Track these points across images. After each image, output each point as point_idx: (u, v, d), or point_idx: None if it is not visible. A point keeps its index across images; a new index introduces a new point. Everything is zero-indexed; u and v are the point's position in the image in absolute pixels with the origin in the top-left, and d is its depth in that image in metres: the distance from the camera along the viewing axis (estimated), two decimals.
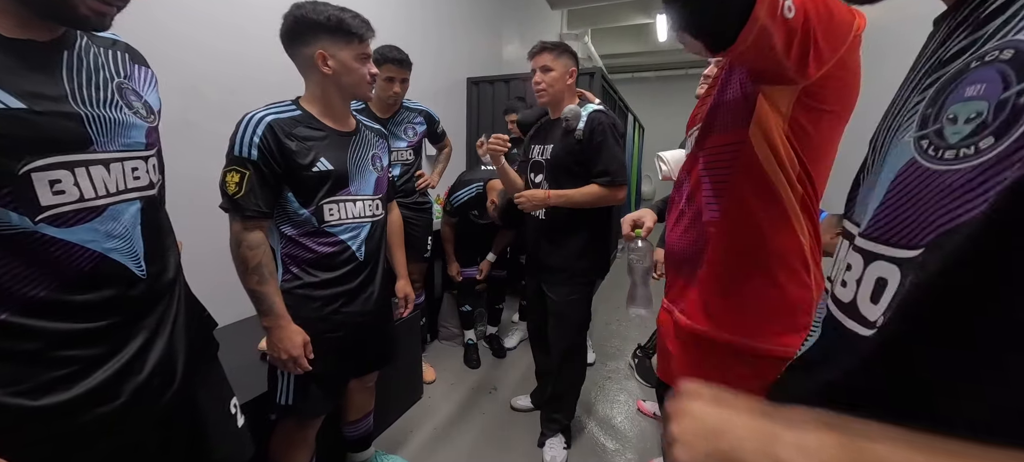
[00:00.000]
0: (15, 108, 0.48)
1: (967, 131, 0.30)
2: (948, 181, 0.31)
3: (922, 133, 0.34)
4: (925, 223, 0.33)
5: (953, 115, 0.32)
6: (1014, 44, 0.29)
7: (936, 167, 0.32)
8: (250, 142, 0.96)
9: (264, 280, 0.99)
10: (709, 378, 0.86)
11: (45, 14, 0.52)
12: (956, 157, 0.31)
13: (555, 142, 1.52)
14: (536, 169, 1.59)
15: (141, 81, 0.67)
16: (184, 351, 0.70)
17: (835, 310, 0.41)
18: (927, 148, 0.33)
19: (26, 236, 0.50)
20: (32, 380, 0.52)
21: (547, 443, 1.70)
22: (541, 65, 1.49)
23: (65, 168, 0.52)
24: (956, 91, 0.32)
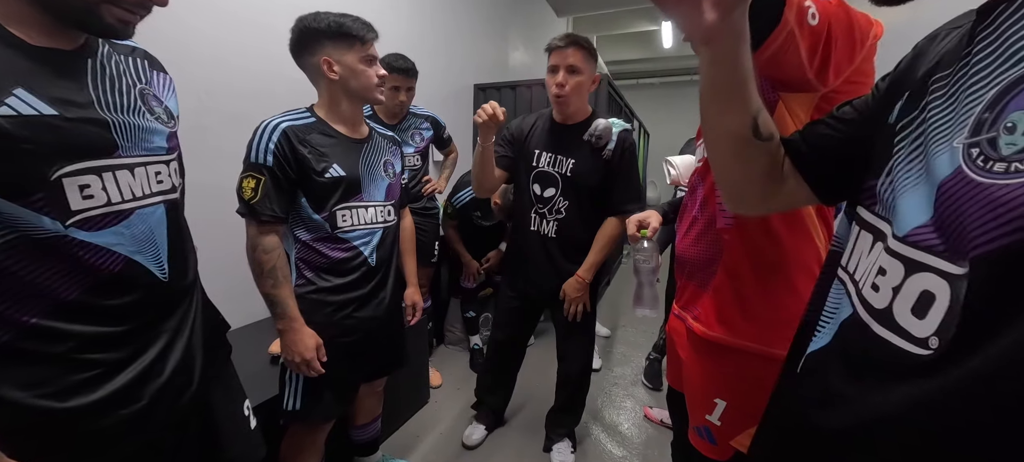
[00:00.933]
0: (47, 115, 0.49)
1: (1023, 143, 0.28)
2: (997, 195, 0.28)
3: (974, 140, 0.31)
4: (971, 239, 0.30)
5: (1011, 123, 0.29)
6: None
7: (983, 179, 0.30)
8: (266, 149, 0.98)
9: (278, 283, 1.00)
10: (725, 384, 0.86)
11: (73, 23, 0.53)
12: (1006, 171, 0.28)
13: (579, 158, 1.38)
14: (545, 181, 1.43)
15: (160, 87, 0.68)
16: (201, 354, 0.71)
17: (863, 313, 0.38)
18: (976, 158, 0.31)
19: (57, 240, 0.51)
20: (59, 382, 0.53)
21: (554, 448, 1.69)
22: (568, 64, 1.29)
23: (93, 173, 0.54)
24: (1019, 96, 0.29)
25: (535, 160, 1.44)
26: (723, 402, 0.86)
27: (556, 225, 1.45)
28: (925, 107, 0.39)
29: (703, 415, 0.89)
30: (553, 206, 1.44)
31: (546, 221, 1.46)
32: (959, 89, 0.35)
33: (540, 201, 1.46)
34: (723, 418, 0.87)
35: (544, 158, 1.43)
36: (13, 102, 0.46)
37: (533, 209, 1.47)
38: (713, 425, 0.88)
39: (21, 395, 0.50)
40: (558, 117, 1.43)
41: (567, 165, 1.40)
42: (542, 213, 1.47)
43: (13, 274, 0.48)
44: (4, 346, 0.49)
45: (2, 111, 0.46)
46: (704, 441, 0.92)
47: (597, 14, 5.32)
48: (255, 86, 1.66)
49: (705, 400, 0.89)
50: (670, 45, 6.51)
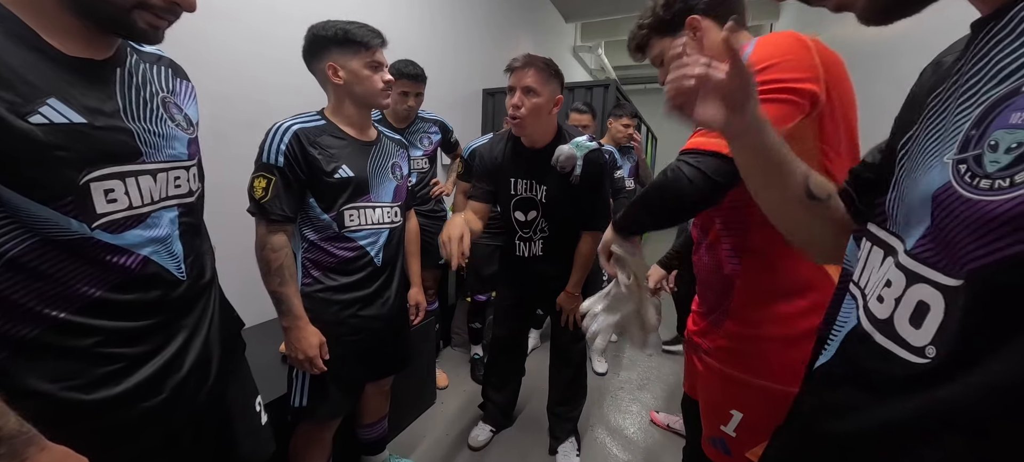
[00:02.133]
0: (78, 123, 0.52)
1: (1006, 161, 0.29)
2: (983, 211, 0.30)
3: (962, 156, 0.32)
4: (963, 253, 0.31)
5: (994, 142, 0.30)
6: None
7: (970, 195, 0.31)
8: (277, 150, 1.01)
9: (285, 282, 1.03)
10: (742, 398, 0.86)
11: (109, 29, 0.56)
12: (990, 187, 0.29)
13: (550, 185, 1.37)
14: (526, 206, 1.43)
15: (182, 95, 0.71)
16: (218, 350, 0.74)
17: (867, 323, 0.39)
18: (963, 174, 0.32)
19: (84, 241, 0.54)
20: (85, 375, 0.55)
21: (560, 450, 1.70)
22: (524, 84, 1.23)
23: (118, 178, 0.56)
24: (1002, 115, 0.30)
25: (512, 188, 1.43)
26: (740, 414, 0.85)
27: (542, 243, 1.47)
28: (922, 122, 0.40)
29: (718, 426, 0.88)
30: (536, 227, 1.46)
31: (533, 243, 1.49)
32: (950, 104, 0.36)
33: (523, 226, 1.47)
34: (739, 429, 0.86)
35: (520, 185, 1.42)
36: (46, 111, 0.49)
37: (517, 236, 1.49)
38: (728, 436, 0.87)
39: (51, 387, 0.53)
40: (523, 140, 1.37)
41: (541, 191, 1.40)
42: (528, 237, 1.49)
43: (42, 273, 0.51)
44: (34, 341, 0.52)
45: (36, 120, 0.48)
46: (718, 451, 0.91)
47: (606, 19, 5.33)
48: (268, 93, 1.71)
49: (721, 411, 0.88)
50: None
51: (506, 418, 1.89)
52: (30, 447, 0.45)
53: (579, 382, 1.72)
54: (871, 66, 1.96)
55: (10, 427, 0.44)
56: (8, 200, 0.48)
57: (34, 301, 0.51)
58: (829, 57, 0.74)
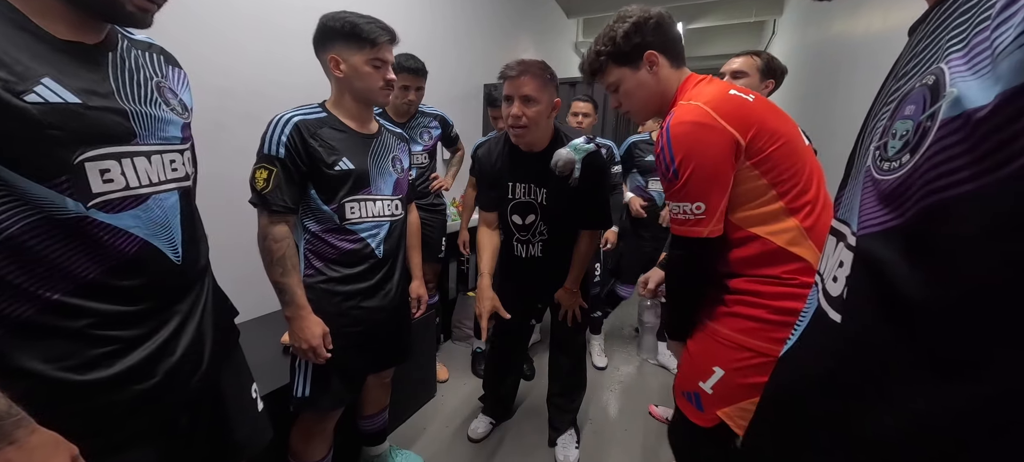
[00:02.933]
0: (72, 103, 0.52)
1: (898, 146, 0.34)
2: (879, 188, 0.35)
3: (879, 143, 0.38)
4: (860, 223, 0.38)
5: (895, 131, 0.35)
6: (936, 71, 0.32)
7: (877, 176, 0.36)
8: (278, 141, 1.02)
9: (287, 272, 1.04)
10: (725, 356, 0.93)
11: (96, 13, 0.56)
12: (887, 169, 0.35)
13: (550, 188, 1.36)
14: (525, 210, 1.42)
15: (176, 81, 0.72)
16: (211, 336, 0.74)
17: (825, 303, 0.44)
18: (878, 159, 0.37)
19: (79, 221, 0.54)
20: (79, 356, 0.56)
21: (559, 441, 1.70)
22: (522, 94, 1.20)
23: (113, 158, 0.57)
24: (901, 107, 0.36)
25: (511, 193, 1.41)
26: (721, 372, 0.90)
27: (541, 245, 1.47)
28: (869, 119, 0.47)
29: (697, 381, 0.93)
30: (535, 230, 1.46)
31: (531, 245, 1.48)
32: (885, 101, 0.42)
33: (521, 230, 1.46)
34: (716, 387, 0.90)
35: (519, 189, 1.40)
36: (41, 90, 0.50)
37: (515, 238, 1.49)
38: (704, 392, 0.92)
39: (44, 367, 0.53)
40: (521, 147, 1.35)
41: (541, 194, 1.39)
42: (526, 240, 1.48)
43: (38, 253, 0.51)
44: (28, 320, 0.52)
45: (31, 98, 0.49)
46: (691, 405, 0.95)
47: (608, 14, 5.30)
48: (269, 86, 1.71)
49: (704, 366, 0.92)
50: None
51: (505, 411, 1.90)
52: (19, 429, 0.45)
53: (578, 373, 1.73)
54: (886, 63, 1.95)
55: (0, 409, 0.44)
56: (4, 177, 0.48)
57: (30, 281, 0.52)
58: (736, 107, 0.84)
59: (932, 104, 0.31)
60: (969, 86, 0.29)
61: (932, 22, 0.37)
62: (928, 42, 0.37)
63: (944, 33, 0.34)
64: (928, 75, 0.33)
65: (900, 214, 0.33)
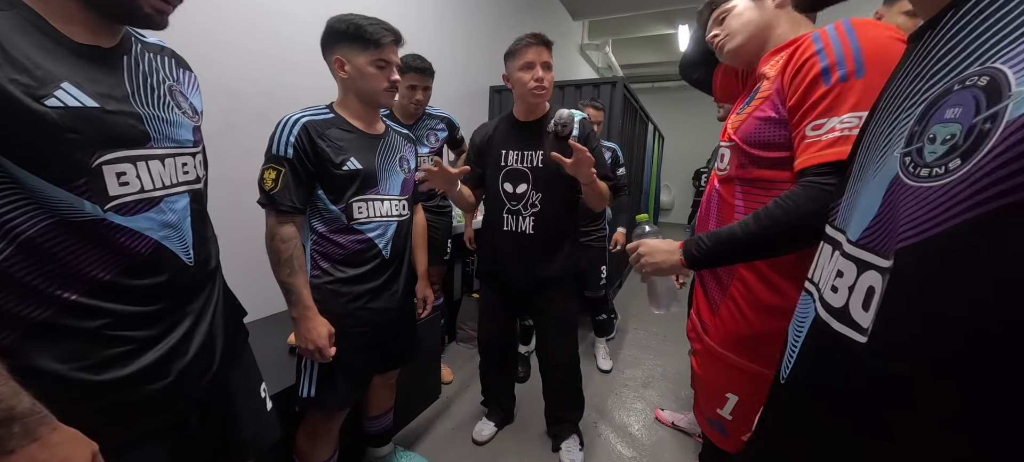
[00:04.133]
0: (90, 107, 0.53)
1: (941, 151, 0.32)
2: (921, 196, 0.33)
3: (907, 150, 0.36)
4: (897, 235, 0.35)
5: (933, 135, 0.33)
6: (990, 71, 0.31)
7: (912, 183, 0.34)
8: (286, 142, 1.02)
9: (294, 272, 1.04)
10: (738, 383, 0.87)
11: (115, 15, 0.57)
12: (929, 176, 0.33)
13: (545, 149, 1.38)
14: (516, 178, 1.43)
15: (186, 84, 0.73)
16: (222, 336, 0.75)
17: (824, 314, 0.42)
18: (908, 165, 0.35)
19: (97, 223, 0.55)
20: (95, 356, 0.56)
21: (563, 446, 1.70)
22: (543, 60, 1.33)
23: (129, 162, 0.57)
24: (938, 111, 0.34)
25: (503, 160, 1.45)
26: (735, 397, 0.87)
27: (533, 220, 1.44)
28: (872, 126, 0.44)
29: (715, 408, 0.90)
30: (527, 201, 1.44)
31: (522, 217, 1.45)
32: (896, 107, 0.40)
33: (512, 199, 1.45)
34: (735, 413, 0.87)
35: (511, 156, 1.44)
36: (61, 94, 0.50)
37: (505, 209, 1.47)
38: (725, 419, 0.89)
39: (61, 367, 0.53)
40: (524, 115, 1.43)
41: (537, 158, 1.41)
42: (516, 210, 1.45)
43: (55, 255, 0.52)
44: (45, 322, 0.53)
45: (51, 103, 0.49)
46: (715, 432, 0.93)
47: (613, 17, 5.31)
48: (278, 88, 1.72)
49: (717, 394, 0.90)
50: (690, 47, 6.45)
51: (508, 415, 1.89)
52: (42, 426, 0.46)
53: (574, 389, 1.70)
54: None
55: (24, 406, 0.45)
56: (24, 181, 0.49)
57: (47, 282, 0.52)
58: None
59: (989, 106, 0.30)
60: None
61: (952, 25, 0.36)
62: (955, 44, 0.35)
63: (980, 33, 0.33)
64: (974, 76, 0.32)
65: (951, 220, 0.31)
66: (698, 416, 1.00)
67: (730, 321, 0.87)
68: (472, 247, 2.31)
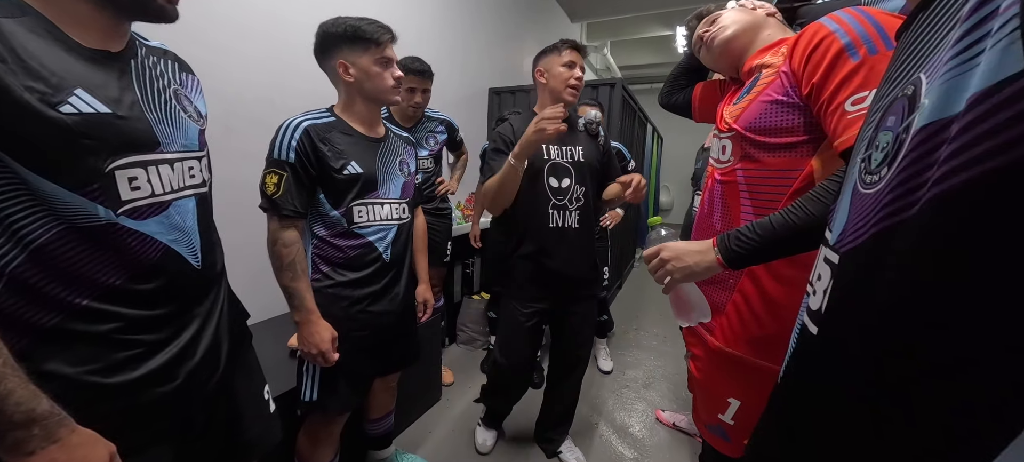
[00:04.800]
0: (103, 113, 0.54)
1: (879, 159, 0.34)
2: (862, 202, 0.35)
3: (864, 155, 0.37)
4: (846, 236, 0.37)
5: (878, 142, 0.35)
6: (915, 81, 0.31)
7: (861, 189, 0.36)
8: (288, 146, 1.02)
9: (296, 276, 1.04)
10: (739, 386, 0.86)
11: (129, 12, 0.58)
12: (869, 182, 0.34)
13: (583, 145, 1.46)
14: (560, 173, 1.43)
15: (190, 88, 0.73)
16: (227, 339, 0.75)
17: (806, 317, 0.43)
18: (862, 171, 0.36)
19: (110, 227, 0.55)
20: (105, 360, 0.57)
21: (563, 448, 1.71)
22: (582, 64, 1.42)
23: (140, 166, 0.58)
24: (884, 119, 0.35)
25: (545, 154, 1.42)
26: (737, 402, 0.86)
27: (578, 214, 1.44)
28: (862, 130, 0.45)
29: (716, 414, 0.89)
30: (572, 195, 1.44)
31: (569, 212, 1.43)
32: (874, 107, 0.42)
33: (558, 193, 1.44)
34: (737, 417, 0.86)
35: (553, 150, 1.43)
36: (75, 101, 0.51)
37: (551, 205, 1.44)
38: (726, 424, 0.88)
39: (73, 371, 0.54)
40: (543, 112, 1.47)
41: (578, 153, 1.45)
42: (562, 205, 1.44)
43: (66, 260, 0.53)
44: (57, 327, 0.53)
45: (65, 109, 0.50)
46: (717, 438, 0.92)
47: (611, 19, 5.33)
48: (276, 92, 1.73)
49: (718, 399, 0.89)
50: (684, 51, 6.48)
51: (499, 424, 1.86)
52: (62, 428, 0.47)
53: (574, 404, 1.71)
54: None
55: (43, 408, 0.45)
56: (39, 187, 0.50)
57: (59, 287, 0.53)
58: None
59: (908, 115, 0.30)
60: (938, 94, 0.28)
61: (914, 28, 0.36)
62: (910, 49, 0.36)
63: (924, 39, 0.33)
64: (908, 84, 0.33)
65: (871, 228, 0.32)
66: (697, 423, 0.99)
67: (738, 321, 0.86)
68: (478, 245, 2.31)
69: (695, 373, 0.98)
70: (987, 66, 0.25)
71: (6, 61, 0.46)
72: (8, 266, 0.50)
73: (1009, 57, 0.23)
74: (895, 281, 0.29)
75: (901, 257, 0.29)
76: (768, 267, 0.81)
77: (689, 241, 0.83)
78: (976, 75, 0.25)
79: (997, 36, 0.24)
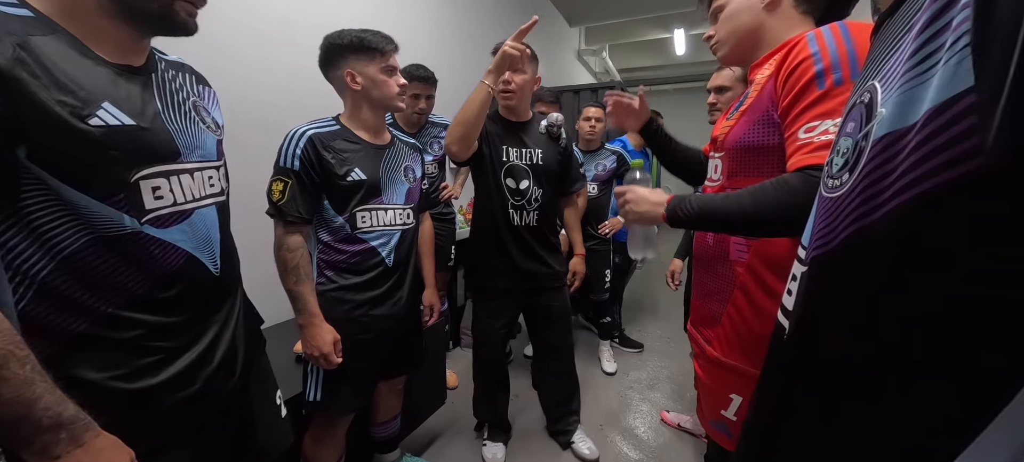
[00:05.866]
0: (128, 125, 0.56)
1: (840, 164, 0.34)
2: (825, 208, 0.35)
3: (829, 159, 0.38)
4: (812, 242, 0.37)
5: (839, 147, 0.35)
6: (871, 88, 0.32)
7: (825, 194, 0.36)
8: (293, 154, 1.05)
9: (301, 281, 1.06)
10: (740, 383, 0.87)
11: (152, 25, 0.60)
12: (830, 187, 0.35)
13: (544, 148, 1.52)
14: (518, 174, 1.50)
15: (207, 99, 0.75)
16: (243, 345, 0.77)
17: (781, 317, 0.45)
18: (826, 176, 0.37)
19: (134, 236, 0.57)
20: (129, 366, 0.59)
21: (575, 438, 1.75)
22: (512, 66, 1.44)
23: (163, 176, 0.60)
24: (845, 124, 0.36)
25: (504, 155, 1.51)
26: (739, 398, 0.87)
27: (536, 214, 1.53)
28: None
29: (719, 410, 0.90)
30: (529, 196, 1.52)
31: (526, 212, 1.52)
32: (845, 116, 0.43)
33: (516, 194, 1.52)
34: (739, 414, 0.87)
35: (512, 152, 1.51)
36: (102, 114, 0.53)
37: (510, 204, 1.51)
38: (729, 421, 0.89)
39: (97, 376, 0.56)
40: (506, 114, 1.54)
41: (537, 155, 1.52)
42: (520, 205, 1.51)
43: (96, 268, 0.55)
44: (84, 333, 0.55)
45: (94, 122, 0.52)
46: (721, 434, 0.93)
47: (609, 23, 5.36)
48: (281, 98, 1.75)
49: (721, 396, 0.90)
50: (683, 52, 6.51)
51: (507, 432, 1.85)
52: (87, 432, 0.49)
53: (571, 374, 1.75)
54: None
55: (70, 413, 0.47)
56: (69, 197, 0.52)
57: (87, 295, 0.55)
58: None
59: (867, 122, 0.31)
60: (895, 103, 0.28)
61: (879, 34, 0.37)
62: (871, 56, 0.36)
63: (882, 47, 0.34)
64: (865, 92, 0.33)
65: (837, 237, 0.32)
66: (702, 419, 1.00)
67: (733, 332, 0.87)
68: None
69: (699, 371, 0.99)
70: (941, 80, 0.25)
71: (39, 77, 0.48)
72: (39, 274, 0.52)
73: (961, 73, 0.24)
74: (862, 286, 0.30)
75: (867, 263, 0.29)
76: (757, 280, 0.82)
77: (652, 190, 0.93)
78: (931, 88, 0.26)
79: (950, 51, 0.25)
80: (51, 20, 0.52)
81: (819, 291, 0.35)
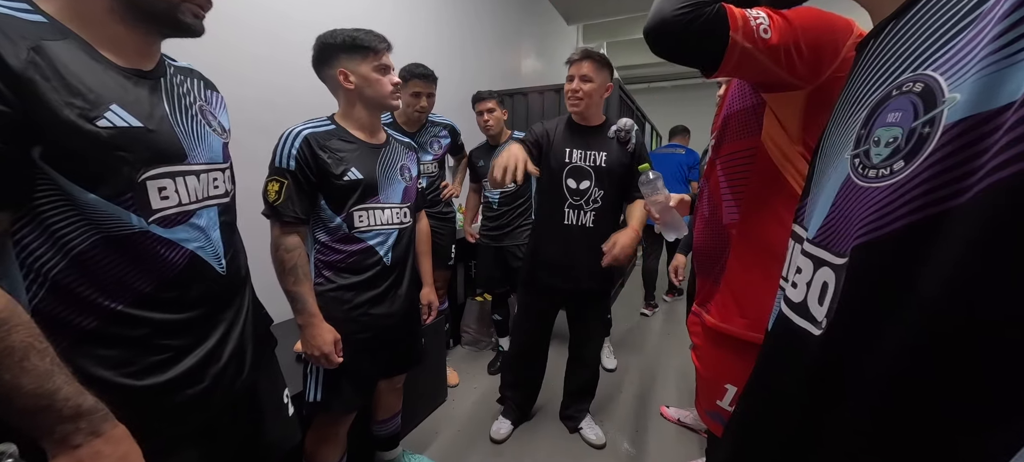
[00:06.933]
0: (136, 126, 0.57)
1: (886, 153, 0.35)
2: (870, 197, 0.35)
3: (856, 151, 0.38)
4: (851, 234, 0.37)
5: (878, 138, 0.36)
6: (924, 78, 0.33)
7: (862, 184, 0.36)
8: (289, 154, 1.05)
9: (299, 281, 1.06)
10: (735, 371, 0.89)
11: (161, 27, 0.62)
12: (876, 176, 0.35)
13: (609, 151, 1.56)
14: (580, 175, 1.57)
15: (214, 104, 0.77)
16: (251, 343, 0.78)
17: (786, 309, 0.45)
18: (858, 166, 0.37)
19: (141, 235, 0.59)
20: (138, 363, 0.60)
21: (584, 424, 1.83)
22: (581, 73, 1.50)
23: (169, 177, 0.62)
24: (881, 116, 0.36)
25: (567, 157, 1.58)
26: (734, 388, 0.89)
27: (593, 215, 1.58)
28: (829, 126, 0.47)
29: (714, 400, 0.92)
30: (589, 197, 1.58)
31: (583, 212, 1.59)
32: (847, 110, 0.43)
33: (575, 194, 1.59)
34: (734, 403, 0.89)
35: (576, 154, 1.58)
36: (110, 115, 0.55)
37: (567, 204, 1.59)
38: (725, 411, 0.90)
39: (107, 373, 0.57)
40: (578, 119, 1.60)
41: (600, 158, 1.57)
42: (578, 205, 1.59)
43: (105, 266, 0.56)
44: (93, 330, 0.57)
45: (102, 123, 0.54)
46: (717, 424, 0.95)
47: (607, 21, 5.36)
48: (280, 98, 1.76)
49: (716, 386, 0.92)
50: None
51: (524, 414, 1.94)
52: (105, 422, 0.50)
53: (594, 379, 1.86)
54: None
55: (89, 404, 0.49)
56: (78, 197, 0.53)
57: (96, 293, 0.56)
58: None
59: (926, 111, 0.32)
60: (974, 89, 0.29)
61: (892, 35, 0.38)
62: (893, 53, 0.37)
63: (915, 41, 0.35)
64: (909, 82, 0.34)
65: (899, 220, 0.32)
66: (699, 410, 1.02)
67: (730, 295, 0.90)
68: (474, 239, 2.37)
69: (696, 363, 1.01)
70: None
71: (50, 80, 0.50)
72: (52, 271, 0.53)
73: None
74: (949, 268, 0.30)
75: (951, 244, 0.29)
76: (741, 260, 0.87)
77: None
78: None
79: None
80: (63, 25, 0.54)
81: (876, 278, 0.34)
